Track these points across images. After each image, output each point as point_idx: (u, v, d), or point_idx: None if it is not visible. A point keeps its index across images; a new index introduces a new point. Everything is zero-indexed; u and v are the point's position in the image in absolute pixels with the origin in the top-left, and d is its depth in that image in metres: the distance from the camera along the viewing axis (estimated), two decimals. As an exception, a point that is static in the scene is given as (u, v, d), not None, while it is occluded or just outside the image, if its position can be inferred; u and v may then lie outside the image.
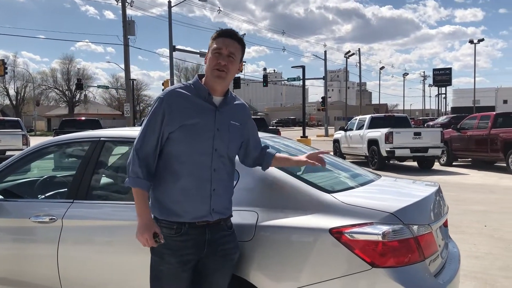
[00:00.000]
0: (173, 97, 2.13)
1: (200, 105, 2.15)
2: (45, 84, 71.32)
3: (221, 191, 2.18)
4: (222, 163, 2.17)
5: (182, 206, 2.12)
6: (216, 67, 2.14)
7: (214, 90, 2.18)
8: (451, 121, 28.61)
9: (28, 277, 2.99)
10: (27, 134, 15.55)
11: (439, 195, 2.85)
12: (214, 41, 2.18)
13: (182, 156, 2.11)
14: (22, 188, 3.69)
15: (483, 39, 55.54)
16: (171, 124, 2.10)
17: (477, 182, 11.21)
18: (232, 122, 2.22)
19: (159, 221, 2.15)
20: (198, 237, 2.14)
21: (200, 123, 2.12)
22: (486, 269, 4.65)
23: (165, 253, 2.13)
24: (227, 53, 2.15)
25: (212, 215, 2.15)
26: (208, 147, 2.13)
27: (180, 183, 2.11)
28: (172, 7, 28.47)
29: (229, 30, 2.23)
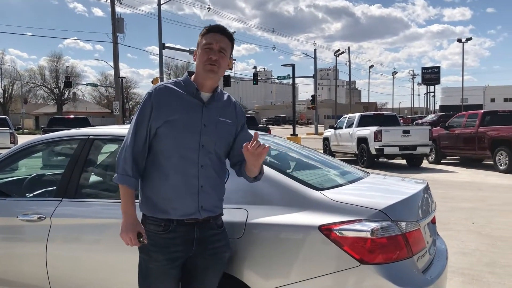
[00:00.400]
0: (161, 92, 2.13)
1: (187, 101, 2.14)
2: (33, 82, 70.62)
3: (209, 188, 2.15)
4: (209, 160, 2.15)
5: (169, 203, 2.10)
6: (208, 62, 2.13)
7: (202, 86, 2.17)
8: (440, 119, 28.90)
9: (16, 276, 2.96)
10: (14, 132, 15.40)
11: (427, 192, 2.88)
12: (203, 37, 2.17)
13: (168, 152, 2.10)
14: (10, 187, 3.65)
15: (471, 38, 56.22)
16: (157, 119, 2.10)
17: (465, 179, 11.34)
18: (221, 119, 2.19)
19: (147, 218, 2.14)
20: (187, 235, 2.12)
21: (186, 118, 2.11)
22: (473, 265, 4.71)
23: (153, 250, 2.12)
24: (218, 48, 2.15)
25: (200, 213, 2.13)
26: (194, 143, 2.11)
27: (167, 179, 2.10)
28: (162, 4, 28.33)
29: (219, 26, 2.22)
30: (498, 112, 14.29)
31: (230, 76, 35.63)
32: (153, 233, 2.12)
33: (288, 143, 3.61)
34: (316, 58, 43.99)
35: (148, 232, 2.13)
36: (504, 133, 12.42)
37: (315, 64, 43.96)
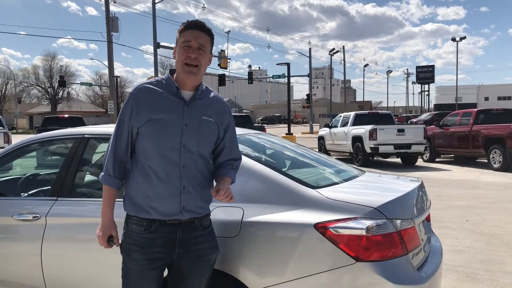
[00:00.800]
0: (142, 92, 2.10)
1: (168, 100, 2.09)
2: (27, 81, 70.21)
3: (192, 189, 2.09)
4: (192, 160, 2.09)
5: (151, 203, 2.07)
6: (186, 60, 2.07)
7: (184, 85, 2.12)
8: (434, 118, 29.00)
9: (11, 276, 2.95)
10: (8, 132, 15.30)
11: (422, 190, 2.89)
12: (181, 34, 2.11)
13: (150, 152, 2.07)
14: (5, 186, 3.64)
15: (465, 37, 56.45)
16: (138, 119, 2.07)
17: (459, 178, 11.39)
18: (204, 118, 2.13)
19: (130, 217, 2.12)
20: (169, 236, 2.08)
21: (167, 118, 2.06)
22: (468, 263, 4.74)
23: (133, 249, 2.08)
24: (197, 45, 2.08)
25: (182, 213, 2.08)
26: (176, 143, 2.06)
27: (149, 179, 2.07)
28: (156, 3, 28.26)
29: (197, 21, 2.15)
30: (492, 110, 14.36)
31: (225, 75, 35.58)
32: (134, 232, 2.09)
33: (283, 141, 3.62)
34: (311, 57, 44.06)
35: (130, 231, 2.11)
36: (498, 131, 12.49)
37: (310, 63, 44.02)
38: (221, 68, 32.37)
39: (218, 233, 2.36)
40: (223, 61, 31.48)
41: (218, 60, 31.64)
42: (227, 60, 32.20)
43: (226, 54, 32.25)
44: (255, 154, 2.87)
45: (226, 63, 32.04)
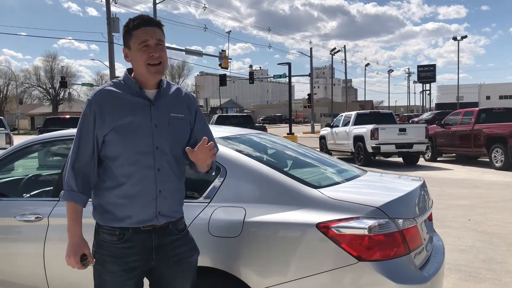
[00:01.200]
0: (102, 97, 1.97)
1: (132, 102, 1.97)
2: (28, 82, 70.29)
3: (167, 193, 2.00)
4: (166, 162, 1.99)
5: (124, 210, 1.96)
6: (150, 61, 1.94)
7: (146, 84, 2.00)
8: (436, 117, 28.95)
9: (14, 276, 2.96)
10: (10, 133, 15.32)
11: (424, 190, 2.89)
12: (133, 35, 1.96)
13: (120, 159, 1.94)
14: (7, 187, 3.64)
15: (466, 36, 56.41)
16: (103, 126, 1.94)
17: (461, 177, 11.38)
18: (172, 115, 2.02)
19: (101, 227, 2.01)
20: (144, 243, 1.98)
21: (134, 121, 1.94)
22: (470, 262, 4.73)
23: (108, 261, 1.97)
24: (155, 42, 1.95)
25: (158, 219, 1.98)
26: (148, 146, 1.95)
27: (122, 187, 1.95)
28: (157, 4, 28.27)
29: (146, 17, 2.01)
30: (494, 109, 14.34)
31: (226, 75, 35.59)
32: (108, 242, 1.98)
33: (284, 141, 3.62)
34: (312, 57, 44.04)
35: (102, 241, 1.99)
36: (499, 130, 12.47)
37: (311, 62, 44.00)
38: (222, 68, 32.39)
39: (220, 233, 2.37)
40: (224, 61, 31.48)
41: (219, 60, 31.65)
42: (228, 60, 32.21)
43: (227, 54, 32.26)
44: (256, 154, 2.87)
45: (227, 63, 32.04)
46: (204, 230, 2.40)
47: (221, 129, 3.44)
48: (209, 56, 36.79)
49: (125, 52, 2.02)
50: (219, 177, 2.54)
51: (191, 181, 3.14)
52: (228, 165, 2.55)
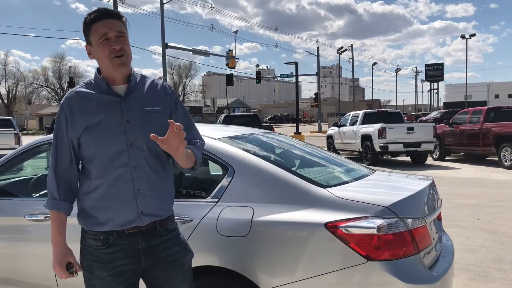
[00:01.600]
0: (72, 100, 1.91)
1: (101, 100, 1.90)
2: (36, 83, 70.92)
3: (148, 191, 1.91)
4: (143, 159, 1.90)
5: (104, 213, 1.90)
6: (112, 54, 1.86)
7: (114, 80, 1.92)
8: (444, 116, 28.78)
9: (23, 276, 2.98)
10: (19, 133, 15.44)
11: (433, 189, 2.87)
12: (92, 29, 1.88)
13: (95, 159, 1.89)
14: (16, 187, 3.67)
15: (474, 34, 55.86)
16: (75, 129, 1.89)
17: (469, 176, 11.30)
18: (147, 109, 1.93)
19: (86, 232, 1.95)
20: (130, 247, 1.91)
21: (104, 119, 1.88)
22: (479, 262, 4.70)
23: (95, 266, 1.91)
24: (116, 34, 1.87)
25: (141, 219, 1.90)
26: (121, 143, 1.87)
27: (98, 188, 1.90)
28: (164, 4, 28.34)
29: (103, 9, 1.92)
30: (503, 108, 14.23)
31: (233, 75, 35.61)
32: (93, 248, 1.92)
33: (292, 140, 3.61)
34: (319, 56, 43.94)
35: (88, 247, 1.94)
36: (508, 129, 12.37)
37: (318, 62, 43.90)
38: (229, 68, 32.41)
39: (229, 233, 2.37)
40: (231, 61, 31.50)
41: (226, 60, 31.66)
42: (235, 60, 32.23)
43: (234, 54, 32.27)
44: (264, 153, 2.86)
45: (234, 63, 32.06)
46: (212, 230, 2.40)
47: (228, 129, 3.44)
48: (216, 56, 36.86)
49: (87, 49, 1.94)
50: (227, 177, 2.54)
51: (199, 181, 3.15)
52: (235, 164, 2.55)
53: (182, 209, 2.50)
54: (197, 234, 2.43)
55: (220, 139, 2.79)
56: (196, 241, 2.40)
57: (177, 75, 79.70)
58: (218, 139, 2.78)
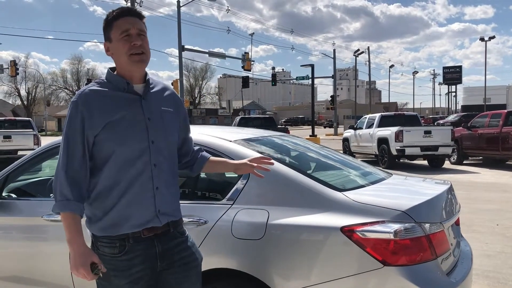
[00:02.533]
0: (89, 97, 1.87)
1: (121, 98, 1.89)
2: (55, 85, 72.03)
3: (164, 189, 1.92)
4: (162, 157, 1.91)
5: (121, 213, 1.86)
6: (132, 51, 1.86)
7: (132, 79, 1.92)
8: (462, 119, 28.42)
9: (40, 275, 3.01)
10: (38, 134, 15.70)
11: (451, 194, 2.83)
12: (114, 26, 1.89)
13: (114, 157, 1.84)
14: (35, 187, 3.72)
15: (494, 36, 55.00)
16: (94, 126, 1.84)
17: (488, 180, 11.11)
18: (163, 109, 1.96)
19: (99, 239, 1.89)
20: (147, 252, 1.89)
21: (127, 115, 1.86)
22: (498, 268, 4.61)
23: (112, 275, 1.86)
24: (137, 32, 1.88)
25: (159, 218, 1.89)
26: (143, 141, 1.87)
27: (117, 187, 1.86)
28: (181, 7, 28.55)
29: (126, 8, 1.94)
30: (523, 111, 13.97)
31: (249, 77, 35.66)
32: (109, 256, 1.86)
33: (306, 143, 3.59)
34: (335, 58, 43.76)
35: (103, 255, 1.87)
36: (529, 133, 12.14)
37: (334, 64, 43.72)
38: (244, 71, 32.47)
39: (244, 236, 2.36)
40: (247, 63, 31.55)
41: (242, 62, 31.73)
42: (251, 63, 32.27)
43: (249, 56, 32.33)
44: (279, 156, 2.85)
45: (250, 65, 32.11)
46: (227, 232, 2.40)
47: (244, 131, 3.44)
48: (232, 58, 36.96)
49: (106, 46, 1.95)
50: (242, 179, 2.53)
51: (215, 183, 3.16)
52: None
53: (198, 211, 2.51)
54: (212, 236, 2.43)
55: (235, 141, 2.79)
56: (211, 243, 2.40)
57: (193, 77, 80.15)
58: (234, 141, 2.78)
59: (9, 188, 3.31)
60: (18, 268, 3.07)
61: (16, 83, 66.78)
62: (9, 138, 14.96)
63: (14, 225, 3.07)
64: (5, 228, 3.09)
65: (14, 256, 3.08)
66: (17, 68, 36.11)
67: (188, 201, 2.57)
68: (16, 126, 17.38)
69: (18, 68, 36.27)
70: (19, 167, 3.28)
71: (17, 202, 3.16)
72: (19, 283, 3.09)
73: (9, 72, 36.30)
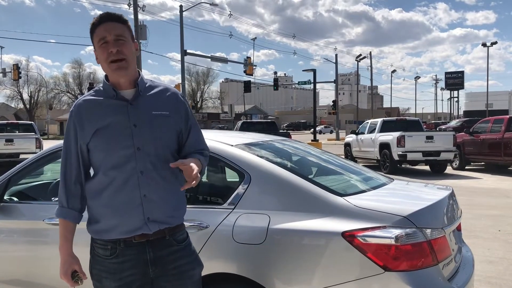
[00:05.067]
0: (80, 107, 1.92)
1: (109, 105, 1.90)
2: (57, 88, 72.22)
3: (155, 196, 1.88)
4: (150, 164, 1.88)
5: (109, 220, 1.88)
6: (110, 58, 1.85)
7: (119, 85, 1.91)
8: (464, 124, 28.39)
9: (41, 278, 3.01)
10: (40, 138, 15.73)
11: (452, 199, 2.82)
12: (94, 34, 1.89)
13: (102, 164, 1.88)
14: (36, 191, 3.73)
15: (496, 42, 55.07)
16: (84, 134, 1.90)
17: (490, 186, 11.08)
18: (155, 113, 1.91)
19: (95, 241, 1.95)
20: (137, 257, 1.89)
21: (112, 123, 1.87)
22: (501, 274, 4.59)
23: (104, 276, 1.90)
24: (114, 37, 1.86)
25: (148, 226, 1.87)
26: (128, 147, 1.86)
27: (105, 194, 1.88)
28: (184, 11, 28.63)
29: (105, 14, 1.92)
30: (525, 117, 13.94)
31: (251, 82, 35.70)
32: (102, 258, 1.91)
33: (307, 147, 3.59)
34: (337, 63, 43.81)
35: (97, 256, 1.93)
36: (531, 138, 12.11)
37: (336, 69, 43.76)
38: (246, 75, 32.54)
39: (245, 240, 2.36)
40: (249, 68, 31.64)
41: (244, 67, 31.83)
42: (253, 67, 32.33)
43: (252, 61, 32.38)
44: (280, 160, 2.85)
45: (252, 70, 32.17)
46: (228, 237, 2.40)
47: (245, 136, 3.44)
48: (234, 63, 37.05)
49: (95, 54, 1.94)
50: (243, 184, 2.53)
51: (216, 187, 3.16)
52: (252, 171, 2.55)
53: (199, 215, 2.51)
54: (213, 241, 2.42)
55: (237, 146, 2.79)
56: (211, 247, 2.40)
57: (195, 82, 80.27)
58: (235, 146, 2.78)
59: (11, 191, 3.31)
60: (19, 271, 3.07)
61: (18, 87, 67.04)
62: (11, 141, 14.99)
63: (16, 228, 3.08)
64: (7, 231, 3.09)
65: (16, 259, 3.08)
66: (20, 71, 36.22)
67: (189, 206, 2.56)
68: (18, 129, 17.46)
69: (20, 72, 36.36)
70: (21, 170, 3.29)
71: (19, 206, 3.16)
72: (21, 287, 3.09)
73: (12, 76, 36.46)
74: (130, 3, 27.68)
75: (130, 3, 27.67)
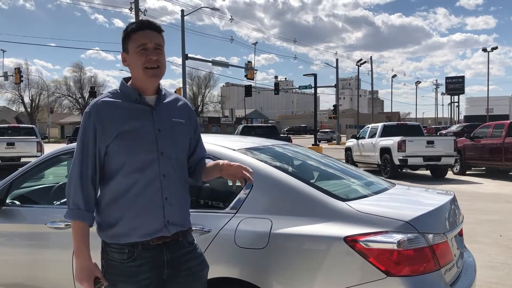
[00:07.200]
0: (101, 108, 1.90)
1: (133, 109, 1.92)
2: (58, 92, 72.25)
3: (174, 200, 1.94)
4: (172, 168, 1.94)
5: (129, 223, 1.88)
6: (147, 64, 1.90)
7: (145, 91, 1.95)
8: (464, 129, 28.35)
9: (43, 282, 3.01)
10: (41, 141, 15.75)
11: (454, 204, 2.82)
12: (132, 38, 1.93)
13: (124, 168, 1.88)
14: (38, 195, 3.73)
15: (496, 47, 55.18)
16: (105, 137, 1.88)
17: (491, 191, 11.08)
18: (174, 120, 1.98)
19: (109, 245, 1.92)
20: (155, 260, 1.90)
21: (138, 126, 1.89)
22: (502, 280, 4.58)
23: (119, 280, 1.88)
24: (154, 46, 1.91)
25: (168, 228, 1.91)
26: (152, 152, 1.90)
27: (125, 197, 1.88)
28: (185, 16, 28.71)
29: (146, 21, 1.98)
30: (526, 122, 13.94)
31: (251, 86, 35.75)
32: (118, 262, 1.89)
33: (307, 151, 3.60)
34: (337, 68, 43.87)
35: (112, 261, 1.91)
36: (532, 143, 12.11)
37: (337, 73, 43.81)
38: (247, 79, 32.58)
39: (247, 245, 2.36)
40: (250, 72, 31.67)
41: (245, 71, 31.86)
42: (253, 72, 32.38)
43: (252, 65, 32.44)
44: (282, 165, 2.86)
45: (253, 74, 32.21)
46: (230, 241, 2.40)
47: (246, 140, 3.45)
48: (235, 67, 37.13)
49: (123, 56, 1.99)
50: (245, 188, 2.54)
51: (218, 192, 3.16)
52: (254, 176, 2.55)
53: (201, 219, 2.51)
54: (215, 245, 2.43)
55: (238, 150, 2.80)
56: (214, 252, 2.40)
57: (196, 86, 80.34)
58: (237, 150, 2.79)
59: (13, 195, 3.32)
60: (21, 275, 3.08)
61: (19, 90, 67.08)
62: (13, 145, 15.01)
63: (18, 232, 3.08)
64: (9, 235, 3.10)
65: (18, 263, 3.08)
66: (21, 75, 36.30)
67: (191, 210, 2.56)
68: (20, 133, 17.47)
69: (22, 76, 36.43)
70: (23, 174, 3.30)
71: (21, 209, 3.17)
72: (22, 291, 3.08)
73: (13, 79, 36.56)
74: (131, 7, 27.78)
75: (131, 8, 27.77)
